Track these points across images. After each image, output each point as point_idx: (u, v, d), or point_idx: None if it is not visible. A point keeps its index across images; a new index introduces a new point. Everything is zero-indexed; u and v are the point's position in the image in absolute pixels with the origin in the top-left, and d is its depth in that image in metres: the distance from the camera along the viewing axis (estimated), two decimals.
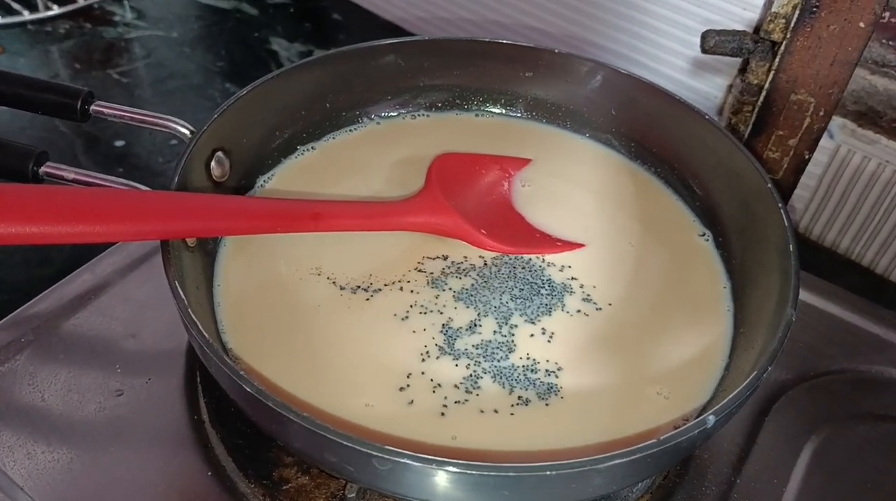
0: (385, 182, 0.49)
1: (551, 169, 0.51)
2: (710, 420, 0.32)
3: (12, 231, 0.32)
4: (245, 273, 0.43)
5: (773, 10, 0.49)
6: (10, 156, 0.42)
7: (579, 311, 0.42)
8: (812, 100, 0.50)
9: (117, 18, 0.79)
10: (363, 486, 0.37)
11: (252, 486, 0.38)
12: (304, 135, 0.50)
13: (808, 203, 0.61)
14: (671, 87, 0.50)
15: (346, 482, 0.38)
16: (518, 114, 0.55)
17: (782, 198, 0.42)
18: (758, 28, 0.55)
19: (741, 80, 0.55)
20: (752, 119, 0.52)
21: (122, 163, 0.63)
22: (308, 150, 0.50)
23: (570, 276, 0.44)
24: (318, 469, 0.39)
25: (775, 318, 0.37)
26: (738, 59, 0.58)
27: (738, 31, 0.50)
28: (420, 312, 0.41)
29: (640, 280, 0.44)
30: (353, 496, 0.37)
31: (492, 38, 0.53)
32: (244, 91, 0.45)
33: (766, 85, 0.51)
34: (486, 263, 0.44)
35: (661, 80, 0.52)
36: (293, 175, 0.49)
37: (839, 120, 0.56)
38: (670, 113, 0.49)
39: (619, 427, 0.37)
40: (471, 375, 0.39)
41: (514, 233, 0.46)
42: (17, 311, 0.44)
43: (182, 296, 0.34)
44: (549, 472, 0.29)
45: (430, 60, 0.53)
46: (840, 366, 0.47)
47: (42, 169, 0.42)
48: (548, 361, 0.40)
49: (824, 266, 0.60)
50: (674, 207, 0.49)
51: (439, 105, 0.54)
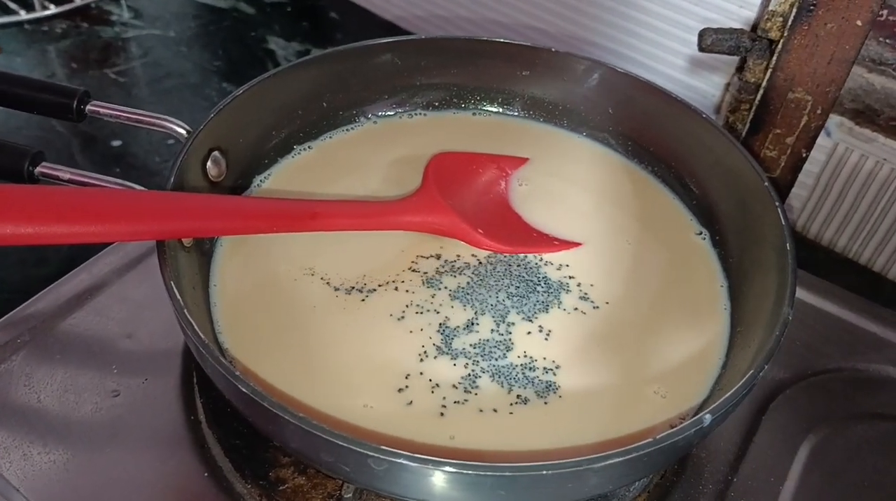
0: (382, 181, 0.49)
1: (548, 168, 0.51)
2: (707, 419, 0.32)
3: (7, 231, 0.32)
4: (241, 273, 0.42)
5: (770, 8, 0.49)
6: (5, 156, 0.42)
7: (576, 309, 0.42)
8: (809, 99, 0.50)
9: (114, 18, 0.79)
10: (360, 486, 0.37)
11: (249, 486, 0.38)
12: (300, 135, 0.50)
13: (805, 201, 0.61)
14: (668, 86, 0.50)
15: (342, 482, 0.38)
16: (515, 113, 0.55)
17: (779, 197, 0.42)
18: (755, 26, 0.55)
19: (738, 78, 0.55)
20: (750, 117, 0.52)
21: (119, 163, 0.63)
22: (305, 150, 0.50)
23: (567, 275, 0.44)
24: (315, 470, 0.39)
25: (772, 317, 0.37)
26: (735, 58, 0.58)
27: (735, 30, 0.50)
28: (416, 312, 0.41)
29: (637, 278, 0.44)
30: (350, 496, 0.37)
31: (489, 36, 0.53)
32: (240, 90, 0.45)
33: (764, 83, 0.51)
34: (480, 261, 0.44)
35: (658, 79, 0.52)
36: (290, 174, 0.49)
37: (836, 118, 0.56)
38: (667, 111, 0.49)
39: (616, 426, 0.37)
40: (469, 375, 0.39)
41: (512, 233, 0.46)
42: (13, 311, 0.44)
43: (178, 297, 0.34)
44: (544, 472, 0.29)
45: (427, 59, 0.53)
46: (837, 365, 0.47)
47: (38, 169, 0.42)
48: (545, 359, 0.40)
49: (822, 264, 0.60)
50: (671, 206, 0.49)
51: (436, 104, 0.54)
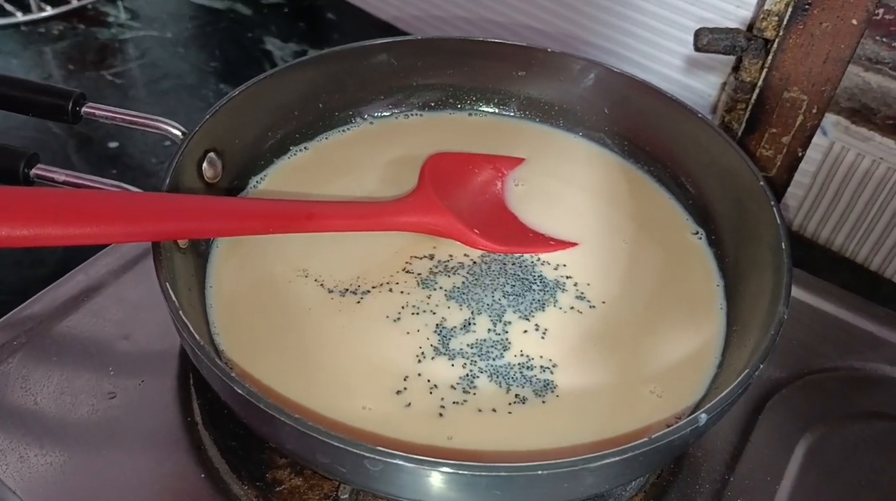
0: (378, 182, 0.49)
1: (544, 168, 0.51)
2: (702, 418, 0.32)
3: (3, 233, 0.32)
4: (237, 274, 0.42)
5: (765, 7, 0.49)
6: (0, 158, 0.42)
7: (573, 308, 0.42)
8: (805, 98, 0.50)
9: (111, 19, 0.79)
10: (356, 487, 0.37)
11: (245, 488, 0.38)
12: (296, 136, 0.50)
13: (801, 200, 0.61)
14: (664, 86, 0.50)
15: (339, 483, 0.38)
16: (511, 114, 0.55)
17: (775, 196, 0.42)
18: (751, 26, 0.56)
19: (734, 77, 0.55)
20: (746, 117, 0.52)
21: (116, 164, 0.63)
22: (301, 151, 0.50)
23: (563, 274, 0.44)
24: (312, 471, 0.39)
25: (768, 316, 0.37)
26: (731, 57, 0.58)
27: (731, 29, 0.50)
28: (412, 313, 0.41)
29: (633, 278, 0.44)
30: (347, 497, 0.37)
31: (484, 36, 0.53)
32: (236, 91, 0.45)
33: (760, 82, 0.51)
34: (474, 261, 0.44)
35: (654, 79, 0.52)
36: (286, 175, 0.49)
37: (832, 117, 0.56)
38: (663, 111, 0.49)
39: (613, 426, 0.37)
40: (467, 375, 0.39)
41: (508, 233, 0.46)
42: (9, 313, 0.44)
43: (173, 299, 0.34)
44: (540, 472, 0.29)
45: (423, 60, 0.53)
46: (834, 364, 0.47)
47: (33, 171, 0.42)
48: (542, 357, 0.40)
49: (818, 263, 0.60)
50: (667, 205, 0.49)
51: (432, 104, 0.54)
